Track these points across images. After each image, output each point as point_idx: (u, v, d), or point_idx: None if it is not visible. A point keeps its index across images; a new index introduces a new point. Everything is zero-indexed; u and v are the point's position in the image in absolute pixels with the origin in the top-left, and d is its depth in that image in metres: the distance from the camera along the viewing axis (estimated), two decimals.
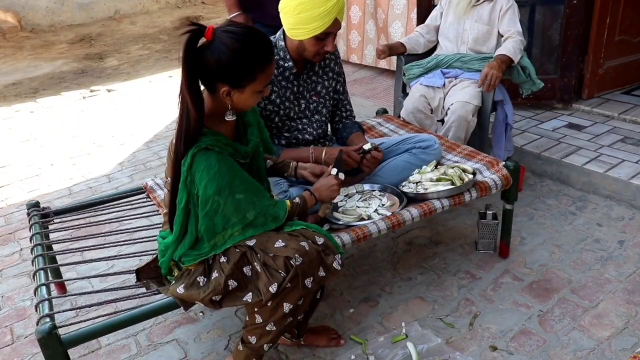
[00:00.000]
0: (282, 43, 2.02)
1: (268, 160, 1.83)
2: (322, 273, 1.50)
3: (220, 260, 1.49)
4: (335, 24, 1.89)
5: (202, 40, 1.38)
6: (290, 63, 2.02)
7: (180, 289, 1.51)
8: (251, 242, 1.49)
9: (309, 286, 1.48)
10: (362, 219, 1.87)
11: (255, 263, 1.47)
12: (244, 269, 1.48)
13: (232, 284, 1.48)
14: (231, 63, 1.37)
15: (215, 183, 1.40)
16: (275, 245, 1.46)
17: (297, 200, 1.64)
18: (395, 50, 2.88)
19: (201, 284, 1.50)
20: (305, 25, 1.86)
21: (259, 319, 1.54)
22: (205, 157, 1.40)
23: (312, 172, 1.82)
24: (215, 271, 1.49)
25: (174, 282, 1.58)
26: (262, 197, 1.52)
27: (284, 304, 1.49)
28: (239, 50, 1.37)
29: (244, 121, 1.62)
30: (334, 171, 1.74)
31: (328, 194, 1.70)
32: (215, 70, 1.39)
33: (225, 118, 1.48)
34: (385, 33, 4.40)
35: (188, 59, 1.36)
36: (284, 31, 2.01)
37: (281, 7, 1.91)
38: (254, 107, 1.64)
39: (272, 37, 2.04)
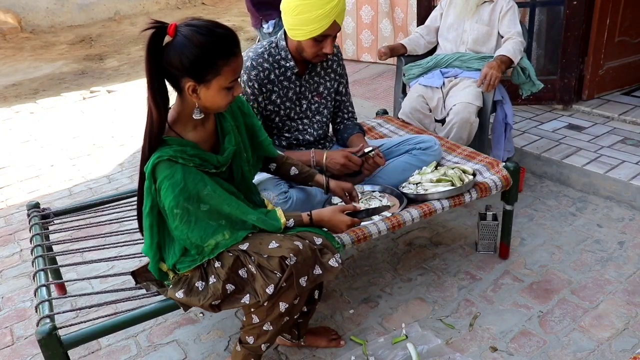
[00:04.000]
0: (284, 43, 2.01)
1: (293, 168, 1.80)
2: (317, 271, 1.48)
3: (215, 266, 1.48)
4: (334, 27, 1.88)
5: (168, 38, 1.36)
6: (292, 63, 2.02)
7: (180, 294, 1.50)
8: (244, 246, 1.48)
9: (304, 285, 1.46)
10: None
11: (250, 265, 1.46)
12: (240, 271, 1.48)
13: (230, 287, 1.47)
14: (193, 55, 1.34)
15: (182, 198, 1.37)
16: (269, 247, 1.45)
17: (290, 222, 1.58)
18: (396, 51, 2.88)
19: (200, 289, 1.49)
20: (304, 27, 1.86)
21: (255, 319, 1.53)
22: (170, 171, 1.37)
23: (344, 189, 1.81)
24: (212, 276, 1.48)
25: (171, 286, 1.56)
26: (238, 209, 1.49)
27: (280, 304, 1.49)
28: (200, 42, 1.33)
29: (222, 127, 1.57)
30: (361, 214, 1.69)
31: (332, 225, 1.64)
32: (178, 65, 1.36)
33: (193, 116, 1.44)
34: (404, 31, 4.48)
35: (151, 57, 1.35)
36: (285, 31, 2.01)
37: (282, 7, 1.91)
38: (245, 111, 1.63)
39: (273, 37, 2.05)
